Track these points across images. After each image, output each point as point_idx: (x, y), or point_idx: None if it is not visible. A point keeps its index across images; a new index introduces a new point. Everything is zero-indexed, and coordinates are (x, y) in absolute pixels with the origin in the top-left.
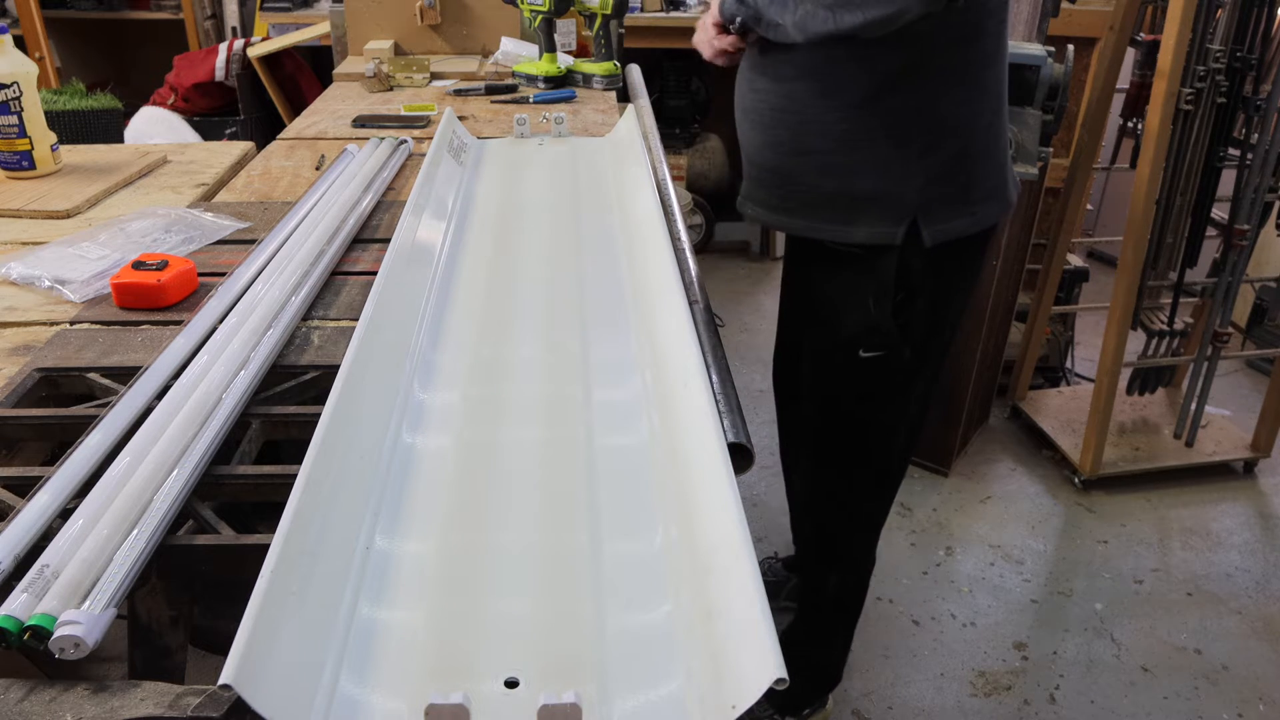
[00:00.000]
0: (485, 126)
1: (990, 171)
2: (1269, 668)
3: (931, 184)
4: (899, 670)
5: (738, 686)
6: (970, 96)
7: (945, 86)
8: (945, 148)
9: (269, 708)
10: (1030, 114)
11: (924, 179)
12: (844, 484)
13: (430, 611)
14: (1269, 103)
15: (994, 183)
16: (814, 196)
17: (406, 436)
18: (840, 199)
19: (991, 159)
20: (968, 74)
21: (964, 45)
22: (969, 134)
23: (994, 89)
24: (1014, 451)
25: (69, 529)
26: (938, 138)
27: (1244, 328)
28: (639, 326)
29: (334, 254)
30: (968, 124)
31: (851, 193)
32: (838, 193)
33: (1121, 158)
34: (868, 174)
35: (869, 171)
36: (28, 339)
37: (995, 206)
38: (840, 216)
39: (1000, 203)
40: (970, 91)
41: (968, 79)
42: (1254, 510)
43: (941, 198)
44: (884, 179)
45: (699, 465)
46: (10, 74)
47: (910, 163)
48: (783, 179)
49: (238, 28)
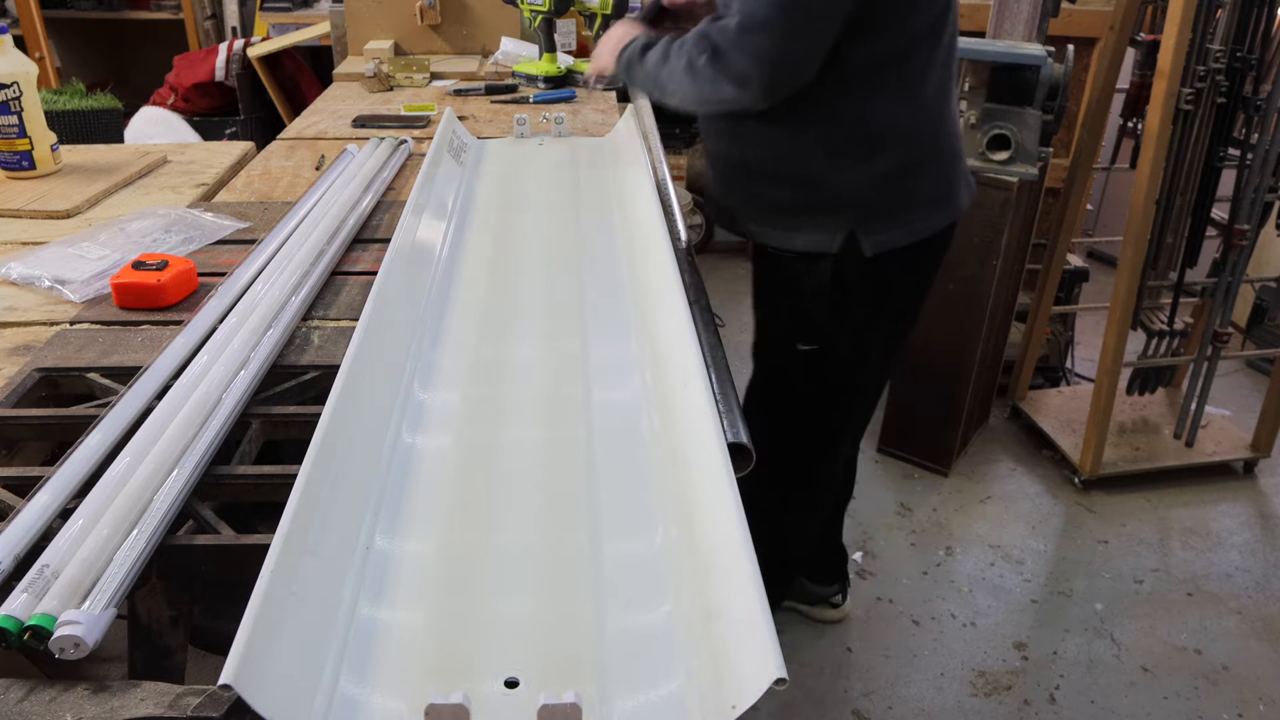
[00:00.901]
0: (485, 126)
1: (932, 181)
2: (1269, 668)
3: (868, 195)
4: (899, 670)
5: (738, 686)
6: (905, 111)
7: (879, 102)
8: (882, 161)
9: (269, 708)
10: (1030, 114)
11: (861, 191)
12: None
13: (430, 611)
14: (1269, 103)
15: (937, 191)
16: (756, 206)
17: (406, 436)
18: (781, 209)
19: (933, 169)
20: (901, 90)
21: (896, 64)
22: (906, 147)
23: (931, 102)
24: (1014, 451)
25: (69, 529)
26: (874, 151)
27: (1244, 328)
28: (639, 326)
29: (334, 254)
30: (904, 137)
31: (790, 203)
32: (778, 203)
33: (1121, 158)
34: (806, 186)
35: (807, 184)
36: (28, 339)
37: (938, 216)
38: (781, 224)
39: (945, 211)
40: (905, 106)
41: (902, 94)
42: (1254, 510)
43: (879, 209)
44: (822, 191)
45: (699, 465)
46: (10, 74)
47: (847, 175)
48: (730, 188)
49: (238, 28)
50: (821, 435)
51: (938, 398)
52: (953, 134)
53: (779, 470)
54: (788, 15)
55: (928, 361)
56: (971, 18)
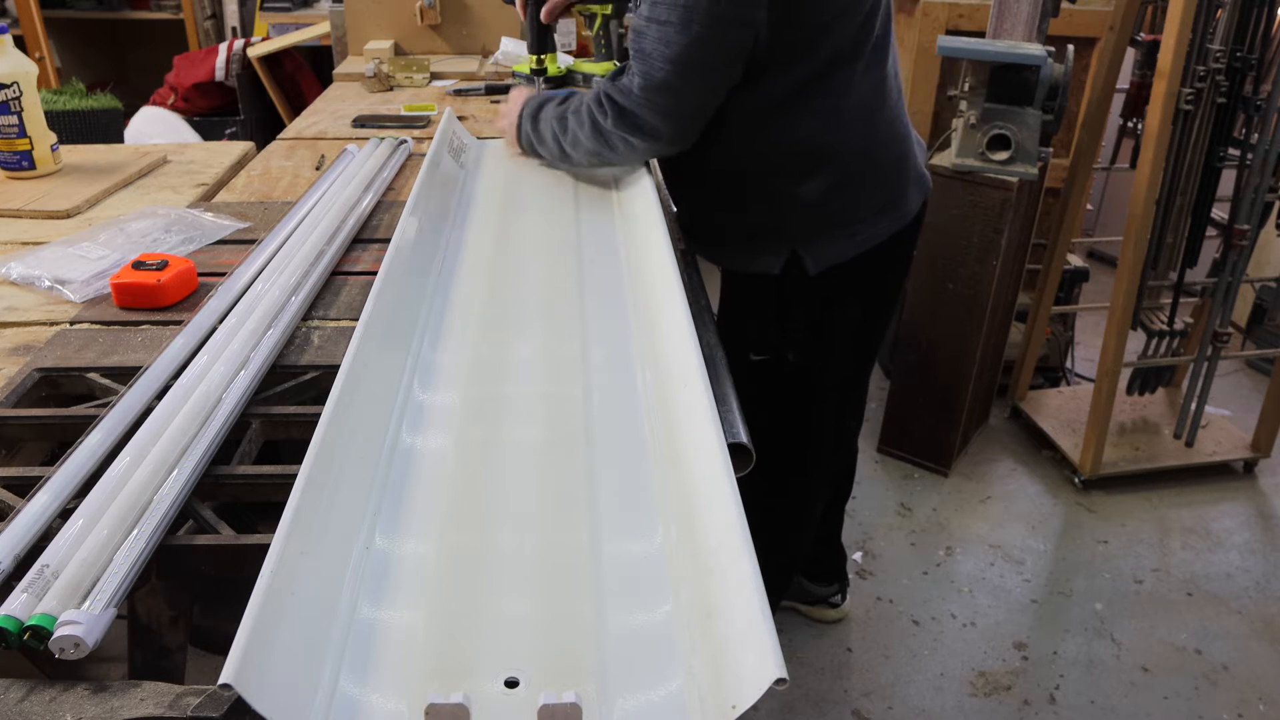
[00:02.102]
0: (485, 126)
1: (872, 192)
2: (1269, 668)
3: (806, 216)
4: (899, 670)
5: (738, 686)
6: (831, 128)
7: (803, 125)
8: (815, 180)
9: (269, 708)
10: (1030, 114)
11: (797, 211)
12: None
13: (430, 611)
14: (1269, 103)
15: (880, 200)
16: (704, 227)
17: (406, 436)
18: (723, 232)
19: (873, 179)
20: (825, 108)
21: (815, 85)
22: (839, 162)
23: (858, 115)
24: (1014, 451)
25: (69, 529)
26: (806, 172)
27: (1244, 328)
28: (639, 326)
29: (334, 254)
30: (834, 154)
31: (732, 228)
32: (720, 227)
33: (1121, 158)
34: (742, 213)
35: (743, 211)
36: (28, 339)
37: (884, 224)
38: (727, 247)
39: (892, 218)
40: (828, 124)
41: (826, 112)
42: (1254, 510)
43: (819, 225)
44: (758, 216)
45: (699, 465)
46: (10, 74)
47: (780, 199)
48: (682, 211)
49: (238, 28)
50: (797, 434)
51: (938, 398)
52: (891, 139)
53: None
54: (683, 75)
55: (928, 361)
56: (971, 18)
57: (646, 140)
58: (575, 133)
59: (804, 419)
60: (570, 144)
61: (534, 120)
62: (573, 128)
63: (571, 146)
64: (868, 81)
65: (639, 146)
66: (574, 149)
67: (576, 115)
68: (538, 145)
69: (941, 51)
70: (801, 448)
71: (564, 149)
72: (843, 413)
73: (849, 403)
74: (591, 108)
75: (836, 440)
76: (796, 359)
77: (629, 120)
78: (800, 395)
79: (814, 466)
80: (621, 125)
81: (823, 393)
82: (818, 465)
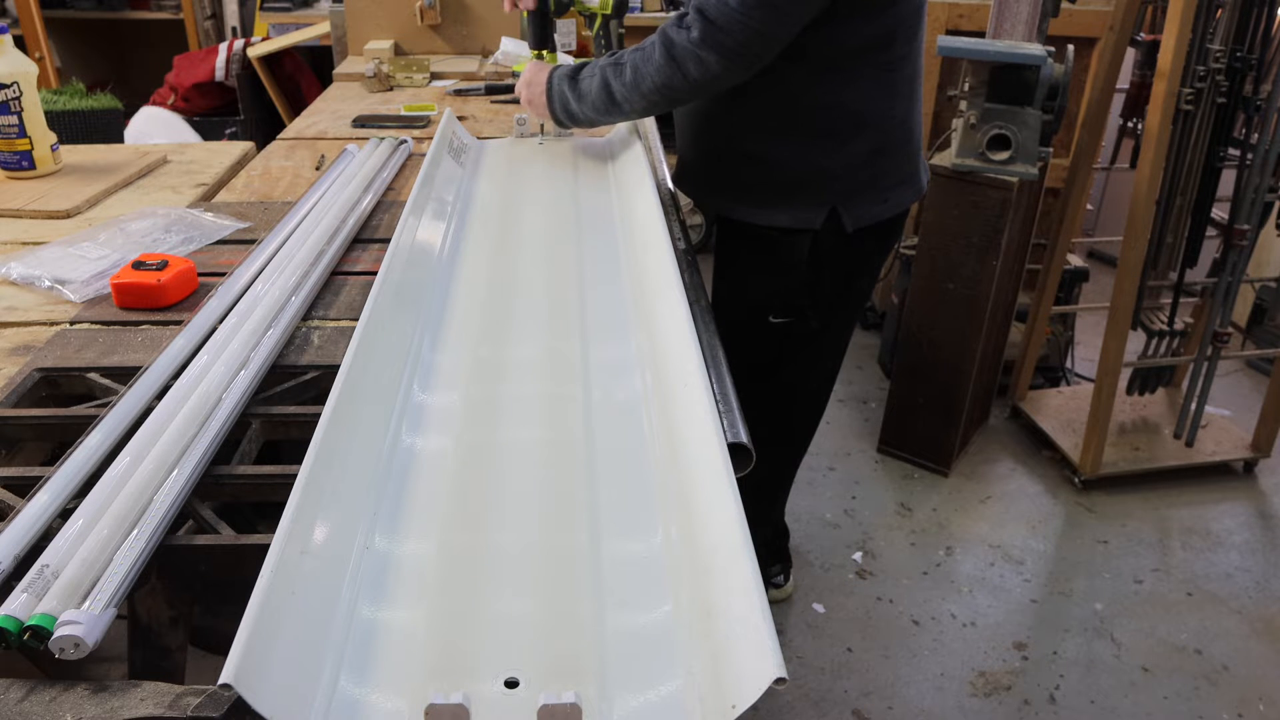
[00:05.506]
0: (485, 126)
1: (903, 162)
2: (1269, 668)
3: (850, 174)
4: (899, 670)
5: (738, 686)
6: (883, 94)
7: (860, 88)
8: (862, 141)
9: (269, 708)
10: (1030, 114)
11: (843, 169)
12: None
13: (430, 611)
14: (1269, 103)
15: (907, 171)
16: (741, 184)
17: (406, 437)
18: (765, 187)
19: (904, 151)
20: (880, 77)
21: (877, 52)
22: (883, 129)
23: (905, 89)
24: (1014, 451)
25: (69, 529)
26: (855, 132)
27: (1244, 328)
28: (639, 326)
29: (334, 254)
30: (881, 120)
31: (776, 182)
32: (762, 181)
33: (1121, 158)
34: (791, 166)
35: (792, 163)
36: (28, 339)
37: (908, 193)
38: (765, 202)
39: (912, 190)
40: (883, 90)
41: (881, 80)
42: (1254, 510)
43: (859, 186)
44: (806, 170)
45: (699, 465)
46: (10, 74)
47: (830, 155)
48: (713, 168)
49: (238, 28)
50: (783, 394)
51: (938, 398)
52: (919, 121)
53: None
54: None
55: (928, 361)
56: (971, 18)
57: (724, 61)
58: (639, 69)
59: (800, 385)
60: (628, 86)
61: (572, 80)
62: (634, 64)
63: (630, 88)
64: (913, 57)
65: (713, 68)
66: (631, 91)
67: (640, 51)
68: (575, 103)
69: (941, 51)
70: (789, 416)
71: (613, 98)
72: (834, 378)
73: (837, 369)
74: (669, 30)
75: (822, 406)
76: (817, 321)
77: (715, 36)
78: (808, 359)
79: (803, 433)
80: (706, 42)
81: (830, 355)
82: (806, 431)
